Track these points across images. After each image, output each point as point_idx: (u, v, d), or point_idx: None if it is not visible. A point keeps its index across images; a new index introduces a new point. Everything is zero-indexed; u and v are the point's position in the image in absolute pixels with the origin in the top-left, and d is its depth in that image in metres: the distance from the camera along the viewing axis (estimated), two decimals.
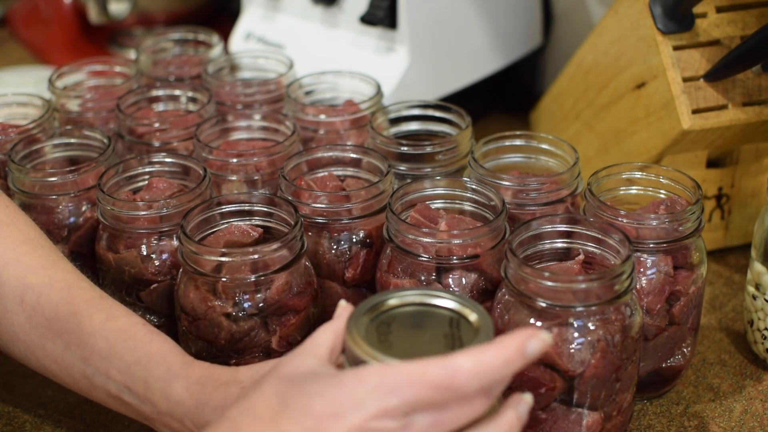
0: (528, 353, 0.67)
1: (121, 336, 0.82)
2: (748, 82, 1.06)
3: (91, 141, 1.06)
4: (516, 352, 0.66)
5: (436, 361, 0.65)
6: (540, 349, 0.67)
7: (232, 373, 0.79)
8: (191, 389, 0.78)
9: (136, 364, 0.80)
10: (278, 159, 1.02)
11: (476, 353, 0.65)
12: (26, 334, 0.85)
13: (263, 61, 1.25)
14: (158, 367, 0.80)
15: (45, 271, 0.86)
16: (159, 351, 0.80)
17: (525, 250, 0.86)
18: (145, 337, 0.82)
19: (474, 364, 0.65)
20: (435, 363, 0.65)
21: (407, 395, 0.64)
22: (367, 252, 0.95)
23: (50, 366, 0.85)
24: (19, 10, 1.72)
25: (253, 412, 0.67)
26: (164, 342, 0.82)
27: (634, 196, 0.96)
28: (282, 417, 0.66)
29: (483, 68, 1.36)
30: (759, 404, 0.95)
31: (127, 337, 0.81)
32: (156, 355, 0.80)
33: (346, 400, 0.65)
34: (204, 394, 0.77)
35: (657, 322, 0.91)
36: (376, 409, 0.64)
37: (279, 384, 0.68)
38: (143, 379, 0.80)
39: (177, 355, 0.81)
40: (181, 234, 0.87)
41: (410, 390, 0.64)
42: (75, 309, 0.83)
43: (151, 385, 0.79)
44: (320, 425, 0.65)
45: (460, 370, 0.65)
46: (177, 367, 0.79)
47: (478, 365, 0.65)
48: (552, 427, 0.84)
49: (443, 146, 1.03)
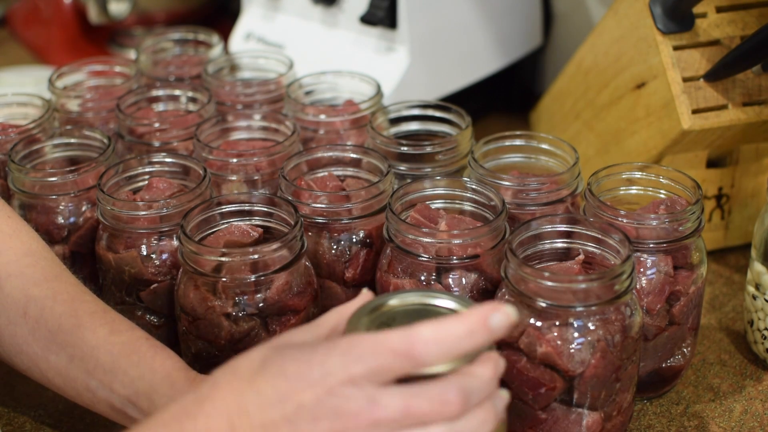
0: (492, 326, 0.66)
1: (124, 350, 0.81)
2: (748, 82, 1.06)
3: (91, 141, 1.06)
4: (479, 324, 0.66)
5: (398, 330, 0.66)
6: (504, 324, 0.66)
7: None
8: None
9: (140, 380, 0.80)
10: (278, 159, 1.02)
11: (437, 323, 0.66)
12: (30, 347, 0.85)
13: (263, 61, 1.25)
14: (162, 383, 0.80)
15: (48, 284, 0.86)
16: (163, 366, 0.80)
17: (525, 250, 0.86)
18: (148, 351, 0.82)
19: (434, 333, 0.65)
20: (396, 331, 0.66)
21: (370, 362, 0.65)
22: (367, 252, 0.95)
23: (54, 378, 0.85)
24: (19, 10, 1.72)
25: (235, 371, 0.68)
26: (168, 357, 0.82)
27: (634, 196, 0.96)
28: (258, 376, 0.67)
29: (483, 68, 1.36)
30: (759, 404, 0.95)
31: (130, 351, 0.81)
32: (160, 371, 0.80)
33: (316, 366, 0.66)
34: None
35: (657, 322, 0.91)
36: (342, 376, 0.65)
37: (266, 349, 0.69)
38: (147, 394, 0.80)
39: (180, 370, 0.81)
40: (181, 234, 0.87)
41: (373, 357, 0.65)
42: (78, 322, 0.83)
43: (154, 401, 0.79)
44: (290, 387, 0.66)
45: (419, 337, 0.65)
46: (180, 383, 0.79)
47: (438, 333, 0.65)
48: (552, 427, 0.84)
49: (443, 146, 1.03)
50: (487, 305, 0.67)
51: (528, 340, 0.82)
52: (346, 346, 0.66)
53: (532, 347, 0.82)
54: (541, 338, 0.81)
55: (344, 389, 0.65)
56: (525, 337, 0.82)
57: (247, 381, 0.67)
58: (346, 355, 0.66)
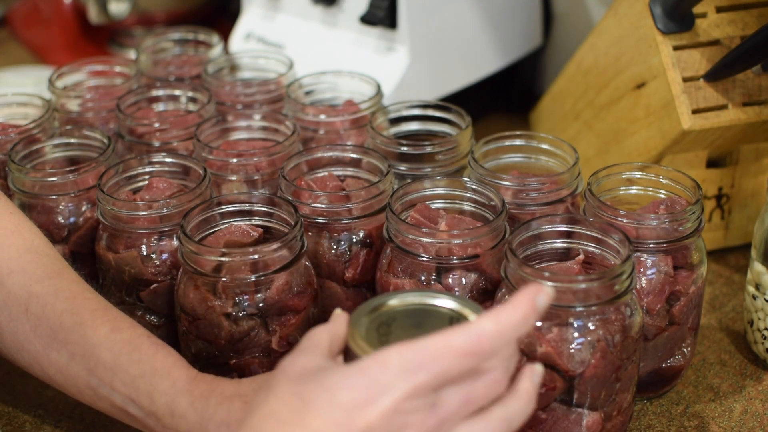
0: (539, 307, 0.67)
1: (125, 348, 0.81)
2: (748, 82, 1.06)
3: (91, 141, 1.06)
4: (530, 308, 0.67)
5: (457, 330, 0.65)
6: (547, 303, 0.68)
7: (235, 387, 0.79)
8: (195, 404, 0.78)
9: (141, 378, 0.80)
10: (278, 159, 1.02)
11: (495, 315, 0.65)
12: (31, 343, 0.85)
13: (263, 61, 1.25)
14: (163, 381, 0.79)
15: (50, 281, 0.86)
16: (163, 364, 0.80)
17: (525, 250, 0.86)
18: (149, 349, 0.81)
19: (496, 325, 0.65)
20: (457, 331, 0.65)
21: (435, 368, 0.64)
22: (367, 252, 0.95)
23: (55, 375, 0.85)
24: (19, 10, 1.72)
25: (275, 416, 0.65)
26: (169, 355, 0.82)
27: (634, 196, 0.96)
28: (307, 415, 0.64)
29: (483, 68, 1.36)
30: (759, 404, 0.95)
31: (131, 349, 0.81)
32: (161, 369, 0.80)
33: (373, 386, 0.64)
34: (208, 409, 0.77)
35: (657, 322, 0.91)
36: (406, 389, 0.63)
37: (294, 384, 0.66)
38: (148, 392, 0.80)
39: (181, 368, 0.80)
40: (181, 234, 0.87)
41: (438, 362, 0.64)
42: (80, 319, 0.83)
43: (155, 400, 0.79)
44: (350, 416, 0.64)
45: (484, 332, 0.65)
46: (181, 382, 0.79)
47: (500, 325, 0.65)
48: (552, 427, 0.84)
49: (443, 146, 1.03)
50: (530, 288, 0.68)
51: (528, 340, 0.82)
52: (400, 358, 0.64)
53: (532, 347, 0.82)
54: (541, 338, 0.81)
55: (409, 402, 0.64)
56: (525, 337, 0.82)
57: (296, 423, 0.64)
58: (405, 366, 0.64)
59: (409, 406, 0.64)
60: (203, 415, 0.77)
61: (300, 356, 0.70)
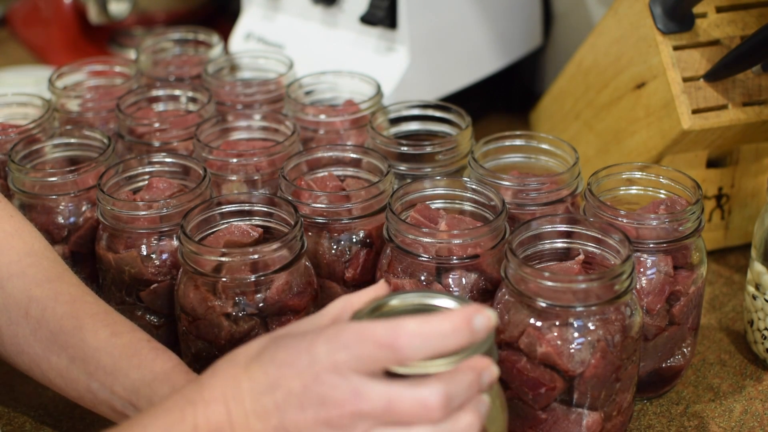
0: (475, 327, 0.67)
1: (125, 352, 0.82)
2: (748, 82, 1.06)
3: (91, 141, 1.06)
4: (462, 323, 0.67)
5: (384, 321, 0.67)
6: (485, 326, 0.67)
7: None
8: None
9: (141, 382, 0.80)
10: (278, 159, 1.02)
11: (423, 318, 0.67)
12: (31, 347, 0.85)
13: (263, 61, 1.25)
14: (162, 386, 0.79)
15: (50, 284, 0.86)
16: (163, 369, 0.80)
17: (525, 250, 0.86)
18: (149, 354, 0.82)
19: (418, 327, 0.66)
20: (382, 322, 0.67)
21: (354, 350, 0.66)
22: (367, 252, 0.95)
23: (55, 379, 0.85)
24: (19, 10, 1.72)
25: (234, 359, 0.70)
26: (168, 359, 0.82)
27: (634, 196, 0.96)
28: (253, 363, 0.69)
29: (483, 68, 1.36)
30: (759, 404, 0.95)
31: (131, 353, 0.81)
32: (160, 374, 0.80)
33: (304, 352, 0.67)
34: None
35: (657, 322, 0.91)
36: (327, 363, 0.66)
37: (266, 338, 0.71)
38: (148, 397, 0.80)
39: (180, 373, 0.81)
40: (181, 234, 0.87)
41: (357, 345, 0.66)
42: (80, 323, 0.83)
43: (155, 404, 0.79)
44: (280, 374, 0.67)
45: (404, 330, 0.66)
46: (181, 386, 0.79)
47: (423, 328, 0.66)
48: (552, 427, 0.84)
49: (443, 146, 1.03)
50: (471, 306, 0.68)
51: (528, 340, 0.82)
52: (332, 333, 0.67)
53: (532, 347, 0.82)
54: (541, 338, 0.81)
55: (330, 377, 0.66)
56: (525, 337, 0.82)
57: (243, 368, 0.69)
58: (331, 342, 0.67)
59: (329, 380, 0.66)
60: None
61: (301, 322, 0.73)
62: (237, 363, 0.70)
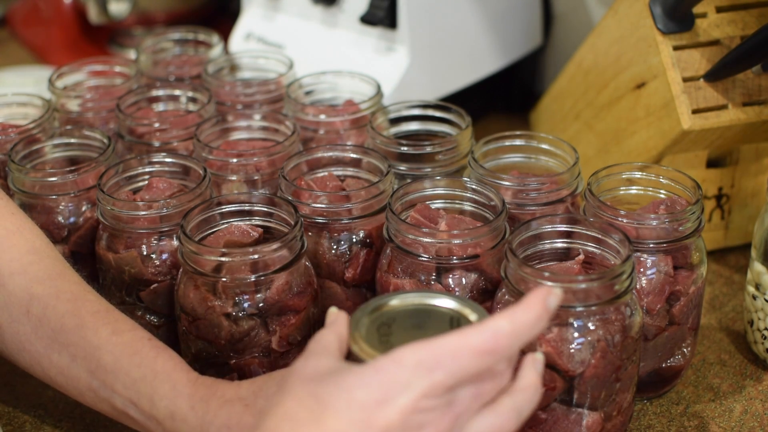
0: (551, 308, 0.68)
1: (126, 351, 0.81)
2: (748, 82, 1.06)
3: (91, 141, 1.06)
4: (543, 309, 0.68)
5: (474, 329, 0.65)
6: (557, 304, 0.69)
7: (235, 390, 0.79)
8: (196, 408, 0.78)
9: (142, 381, 0.80)
10: (278, 159, 1.02)
11: (510, 314, 0.66)
12: (32, 345, 0.85)
13: (263, 61, 1.25)
14: (163, 385, 0.79)
15: (51, 282, 0.86)
16: (164, 368, 0.80)
17: (525, 250, 0.86)
18: (150, 352, 0.81)
19: (511, 324, 0.66)
20: (474, 330, 0.65)
21: (452, 367, 0.64)
22: (367, 252, 0.95)
23: (56, 377, 0.85)
24: (19, 10, 1.72)
25: (291, 417, 0.65)
26: (169, 358, 0.81)
27: (634, 196, 0.96)
28: (325, 415, 0.64)
29: (483, 68, 1.36)
30: (759, 404, 0.95)
31: (132, 352, 0.81)
32: (161, 373, 0.80)
33: (390, 385, 0.64)
34: (208, 413, 0.77)
35: (657, 322, 0.91)
36: (423, 387, 0.64)
37: (309, 385, 0.66)
38: (148, 396, 0.80)
39: (182, 372, 0.80)
40: (181, 234, 0.87)
41: (455, 361, 0.64)
42: (81, 321, 0.83)
43: (156, 403, 0.79)
44: (368, 415, 0.64)
45: (501, 331, 0.65)
46: (181, 385, 0.79)
47: (515, 324, 0.66)
48: (552, 427, 0.84)
49: (443, 146, 1.03)
50: (541, 290, 0.69)
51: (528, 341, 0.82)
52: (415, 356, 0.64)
53: (532, 347, 0.82)
54: (541, 338, 0.81)
55: (426, 401, 0.64)
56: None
57: (313, 423, 0.64)
58: (421, 364, 0.64)
59: (426, 405, 0.64)
60: (204, 418, 0.77)
61: (312, 358, 0.69)
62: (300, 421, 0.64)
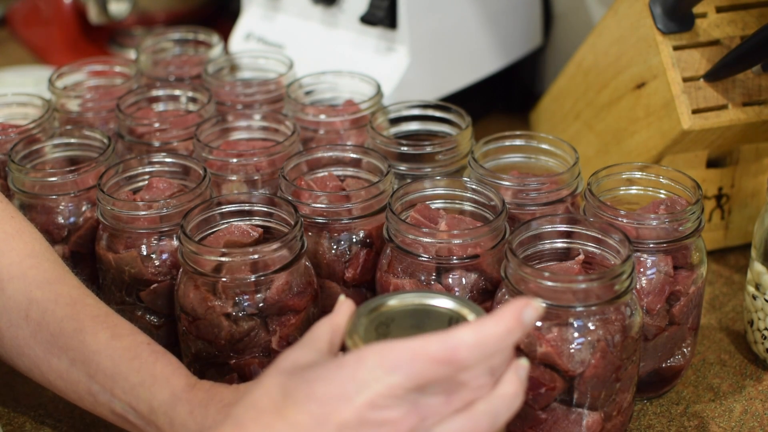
0: (525, 322, 0.67)
1: (126, 355, 0.81)
2: (748, 82, 1.06)
3: (91, 141, 1.06)
4: (515, 321, 0.66)
5: (436, 336, 0.65)
6: (535, 317, 0.67)
7: (233, 393, 0.79)
8: (194, 413, 0.78)
9: (141, 386, 0.80)
10: (278, 159, 1.02)
11: (476, 325, 0.65)
12: (31, 349, 0.85)
13: (263, 61, 1.25)
14: (162, 390, 0.79)
15: (50, 286, 0.86)
16: (163, 373, 0.80)
17: (525, 250, 0.86)
18: (150, 357, 0.81)
19: (475, 336, 0.65)
20: (435, 338, 0.65)
21: (410, 371, 0.64)
22: (367, 252, 0.95)
23: (55, 381, 0.85)
24: (19, 10, 1.72)
25: (256, 406, 0.67)
26: (168, 363, 0.81)
27: (634, 196, 0.96)
28: (286, 406, 0.65)
29: (483, 68, 1.36)
30: (759, 404, 0.95)
31: (132, 356, 0.81)
32: (160, 377, 0.80)
33: (349, 382, 0.64)
34: (207, 418, 0.77)
35: (657, 322, 0.91)
36: (380, 388, 0.64)
37: (279, 376, 0.68)
38: (147, 401, 0.79)
39: (181, 377, 0.80)
40: (181, 234, 0.87)
41: (412, 366, 0.64)
42: (80, 325, 0.83)
43: (155, 409, 0.79)
44: (326, 409, 0.64)
45: (461, 343, 0.64)
46: (180, 390, 0.79)
47: (479, 336, 0.65)
48: (552, 427, 0.84)
49: (443, 146, 1.03)
50: (517, 302, 0.67)
51: (528, 340, 0.82)
52: (377, 356, 0.65)
53: (532, 347, 0.82)
54: (541, 338, 0.81)
55: (384, 400, 0.64)
56: (525, 337, 0.82)
57: (275, 413, 0.65)
58: (380, 366, 0.64)
59: (384, 404, 0.64)
60: (203, 423, 0.77)
61: (296, 350, 0.70)
62: (263, 409, 0.66)
